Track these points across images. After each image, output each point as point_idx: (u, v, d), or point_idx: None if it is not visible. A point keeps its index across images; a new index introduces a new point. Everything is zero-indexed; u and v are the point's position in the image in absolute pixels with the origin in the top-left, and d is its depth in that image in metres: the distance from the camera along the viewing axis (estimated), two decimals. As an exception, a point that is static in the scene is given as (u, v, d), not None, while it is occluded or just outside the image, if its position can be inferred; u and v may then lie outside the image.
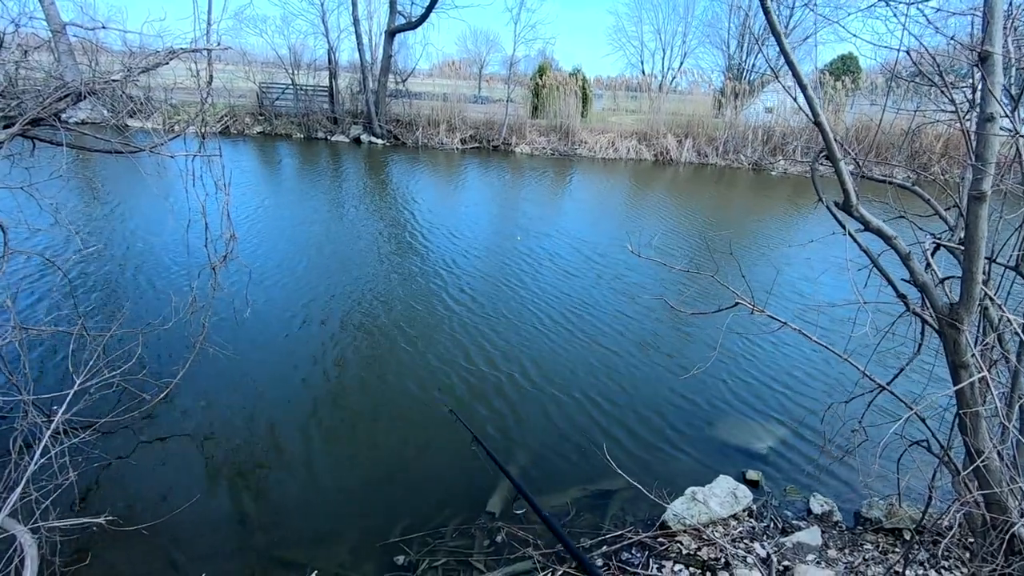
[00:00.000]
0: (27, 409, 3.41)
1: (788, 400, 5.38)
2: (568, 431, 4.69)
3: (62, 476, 2.91)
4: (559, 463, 4.32)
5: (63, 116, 3.99)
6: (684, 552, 3.46)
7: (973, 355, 2.39)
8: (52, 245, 7.31)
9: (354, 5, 20.95)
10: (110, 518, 3.01)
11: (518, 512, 2.33)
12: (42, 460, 2.47)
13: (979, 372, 2.36)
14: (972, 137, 2.29)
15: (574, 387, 5.35)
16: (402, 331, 6.23)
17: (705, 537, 3.56)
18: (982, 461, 2.35)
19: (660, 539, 3.58)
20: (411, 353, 5.77)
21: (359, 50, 21.46)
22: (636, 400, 5.21)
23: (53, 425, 2.65)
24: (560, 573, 3.26)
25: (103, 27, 4.58)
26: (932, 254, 2.74)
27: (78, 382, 2.99)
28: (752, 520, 3.82)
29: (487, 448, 3.07)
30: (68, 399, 2.83)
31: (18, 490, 2.14)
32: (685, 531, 3.61)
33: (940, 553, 3.35)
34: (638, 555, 3.45)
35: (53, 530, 2.84)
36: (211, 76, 4.79)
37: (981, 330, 2.80)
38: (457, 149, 21.34)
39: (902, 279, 2.68)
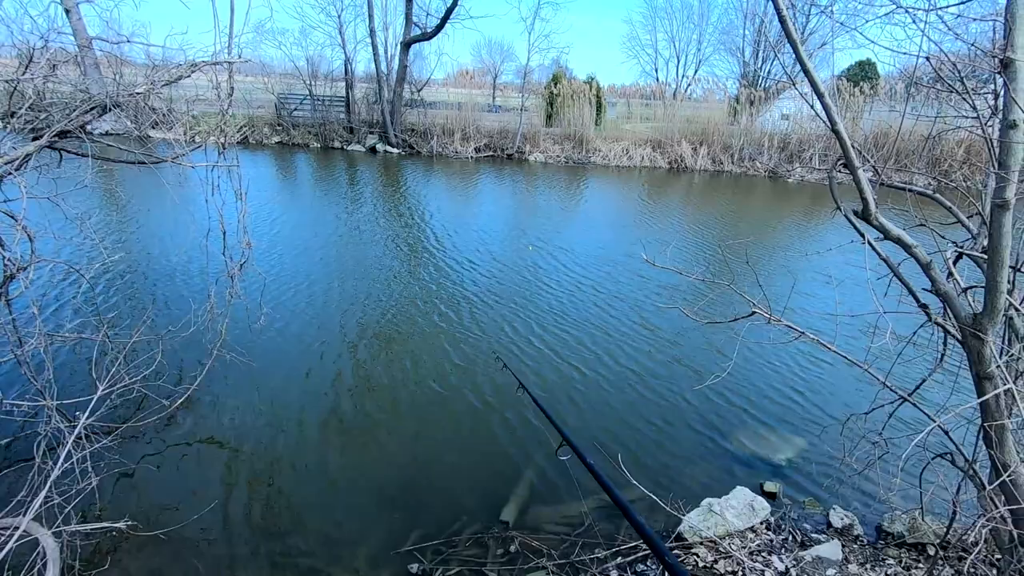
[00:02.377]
0: (51, 415, 3.48)
1: (806, 411, 5.29)
2: (581, 441, 4.66)
3: (84, 481, 2.96)
4: (574, 472, 4.29)
5: (88, 128, 4.11)
6: (700, 564, 3.41)
7: (998, 366, 2.33)
8: (77, 254, 7.48)
9: (370, 17, 21.28)
10: (129, 523, 3.06)
11: (563, 459, 2.29)
12: (65, 465, 2.52)
13: (1004, 384, 2.30)
14: (995, 144, 2.26)
15: (588, 397, 5.32)
16: (415, 338, 6.26)
17: (722, 549, 3.51)
18: (1009, 475, 2.30)
19: (676, 551, 3.54)
20: (426, 360, 5.79)
21: (375, 61, 21.76)
22: (650, 411, 5.16)
23: (76, 430, 2.71)
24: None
25: (127, 41, 4.71)
26: (954, 263, 2.69)
27: (101, 388, 3.04)
28: (770, 533, 3.75)
29: (533, 395, 3.05)
30: (91, 405, 2.88)
31: (42, 494, 2.19)
32: (701, 543, 3.56)
33: (966, 570, 3.25)
34: (654, 567, 3.41)
35: (74, 534, 2.89)
36: (232, 88, 4.87)
37: (1006, 341, 2.74)
38: (471, 158, 21.47)
39: (923, 288, 2.63)
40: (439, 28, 21.51)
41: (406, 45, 21.76)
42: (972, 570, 3.24)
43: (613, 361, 6.02)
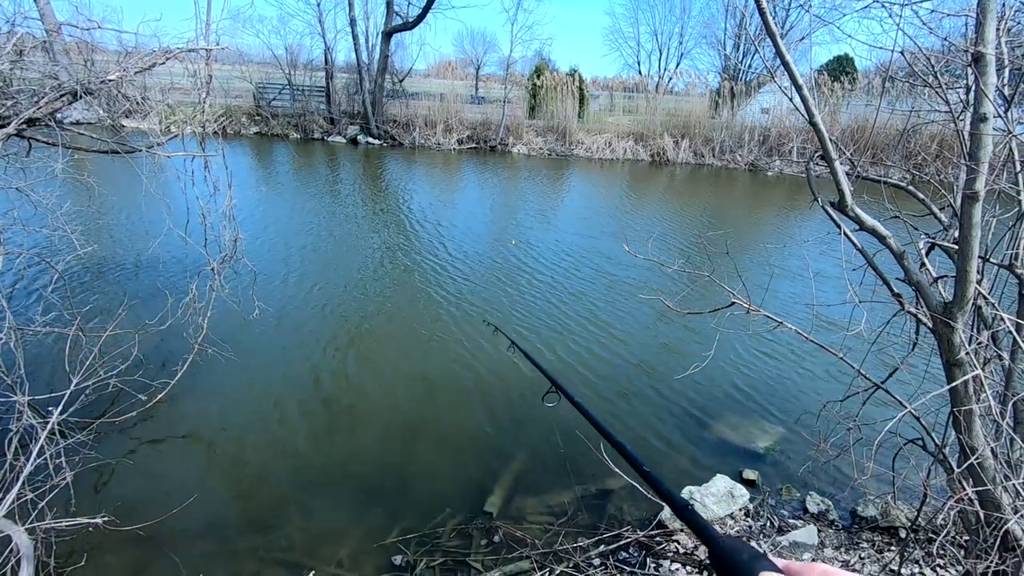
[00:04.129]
0: (22, 410, 3.39)
1: (784, 399, 5.39)
2: (564, 431, 4.69)
3: (58, 477, 2.91)
4: (555, 463, 4.32)
5: (59, 116, 3.99)
6: (681, 551, 3.47)
7: (967, 353, 2.40)
8: (48, 245, 7.28)
9: (351, 5, 20.96)
10: (106, 518, 3.01)
11: (549, 405, 2.25)
12: (38, 461, 2.47)
13: (973, 370, 2.37)
14: (966, 137, 2.31)
15: (571, 386, 5.35)
16: (397, 332, 6.23)
17: (702, 536, 3.57)
18: (976, 459, 2.37)
19: (657, 538, 3.59)
20: (408, 353, 5.77)
21: (356, 50, 21.47)
22: (632, 401, 5.22)
23: (49, 426, 2.65)
24: (558, 573, 3.27)
25: (98, 27, 4.58)
26: (927, 253, 2.75)
27: (74, 383, 2.98)
28: (749, 519, 3.83)
29: (524, 351, 3.02)
30: (64, 400, 2.82)
31: (14, 491, 2.14)
32: (682, 530, 3.62)
33: (935, 551, 3.37)
34: (635, 554, 3.47)
35: (49, 531, 2.84)
36: (210, 76, 4.77)
37: (975, 329, 2.82)
38: (454, 150, 21.34)
39: (897, 279, 2.69)
40: (421, 17, 21.29)
41: (387, 35, 21.50)
42: (941, 551, 3.36)
43: (589, 352, 6.07)
